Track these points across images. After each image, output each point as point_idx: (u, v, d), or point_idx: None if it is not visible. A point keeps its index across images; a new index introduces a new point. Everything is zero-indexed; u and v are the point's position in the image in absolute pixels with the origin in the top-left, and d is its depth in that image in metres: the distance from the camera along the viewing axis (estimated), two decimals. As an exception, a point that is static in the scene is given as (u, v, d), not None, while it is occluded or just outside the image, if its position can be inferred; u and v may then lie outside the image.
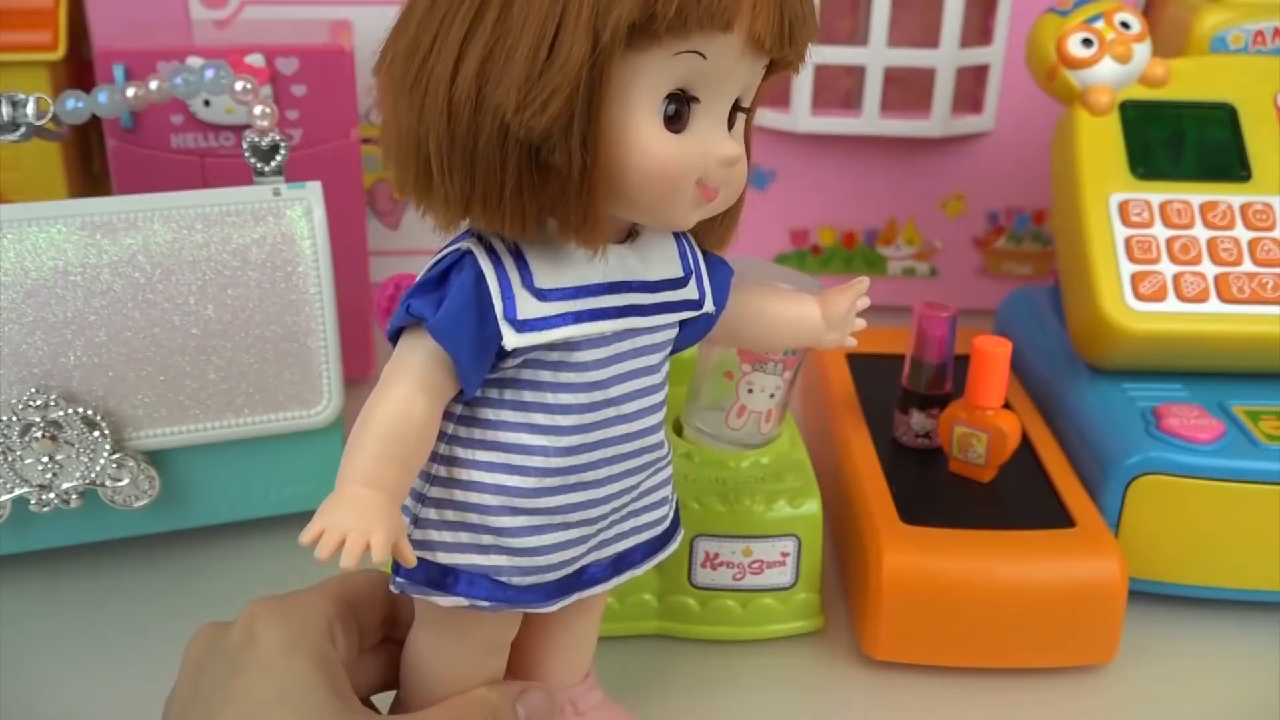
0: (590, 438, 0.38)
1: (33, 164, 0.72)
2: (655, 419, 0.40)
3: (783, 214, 0.83)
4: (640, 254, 0.38)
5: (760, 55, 0.36)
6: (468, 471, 0.38)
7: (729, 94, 0.36)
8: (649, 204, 0.36)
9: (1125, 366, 0.59)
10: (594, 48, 0.32)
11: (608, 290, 0.37)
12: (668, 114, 0.35)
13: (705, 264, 0.41)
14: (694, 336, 0.42)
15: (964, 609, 0.50)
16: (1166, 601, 0.55)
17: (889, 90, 0.77)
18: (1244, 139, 0.60)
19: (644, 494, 0.42)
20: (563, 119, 0.32)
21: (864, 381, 0.63)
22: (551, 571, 0.39)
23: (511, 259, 0.36)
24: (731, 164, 0.36)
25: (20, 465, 0.51)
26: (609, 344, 0.38)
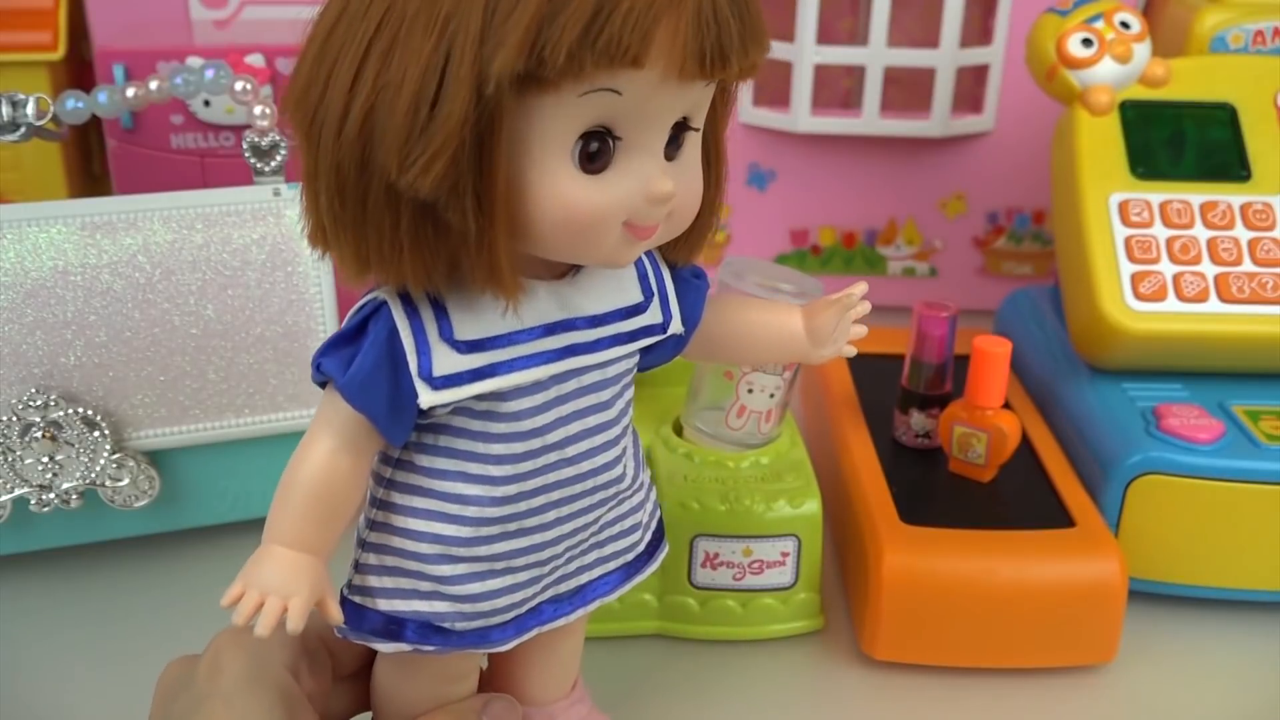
0: (529, 485, 0.36)
1: (33, 164, 0.72)
2: (609, 455, 0.38)
3: (783, 214, 0.83)
4: (584, 287, 0.36)
5: (693, 81, 0.33)
6: (403, 519, 0.36)
7: (661, 124, 0.33)
8: (569, 250, 0.33)
9: (1125, 366, 0.59)
10: (478, 101, 0.30)
11: (542, 334, 0.35)
12: (587, 153, 0.32)
13: (675, 280, 0.39)
14: (664, 357, 0.40)
15: (964, 609, 0.50)
16: (1166, 601, 0.55)
17: (889, 90, 0.77)
18: (1244, 139, 0.60)
19: (606, 526, 0.40)
20: (449, 178, 0.30)
21: (864, 381, 0.63)
22: (497, 615, 0.38)
23: (430, 309, 0.34)
24: (663, 201, 0.33)
25: (20, 465, 0.51)
26: (545, 389, 0.36)
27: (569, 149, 0.32)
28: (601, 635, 0.53)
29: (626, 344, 0.37)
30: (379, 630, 0.37)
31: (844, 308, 0.42)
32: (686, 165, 0.35)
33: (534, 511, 0.37)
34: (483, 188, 0.31)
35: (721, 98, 0.37)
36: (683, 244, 0.38)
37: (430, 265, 0.32)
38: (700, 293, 0.40)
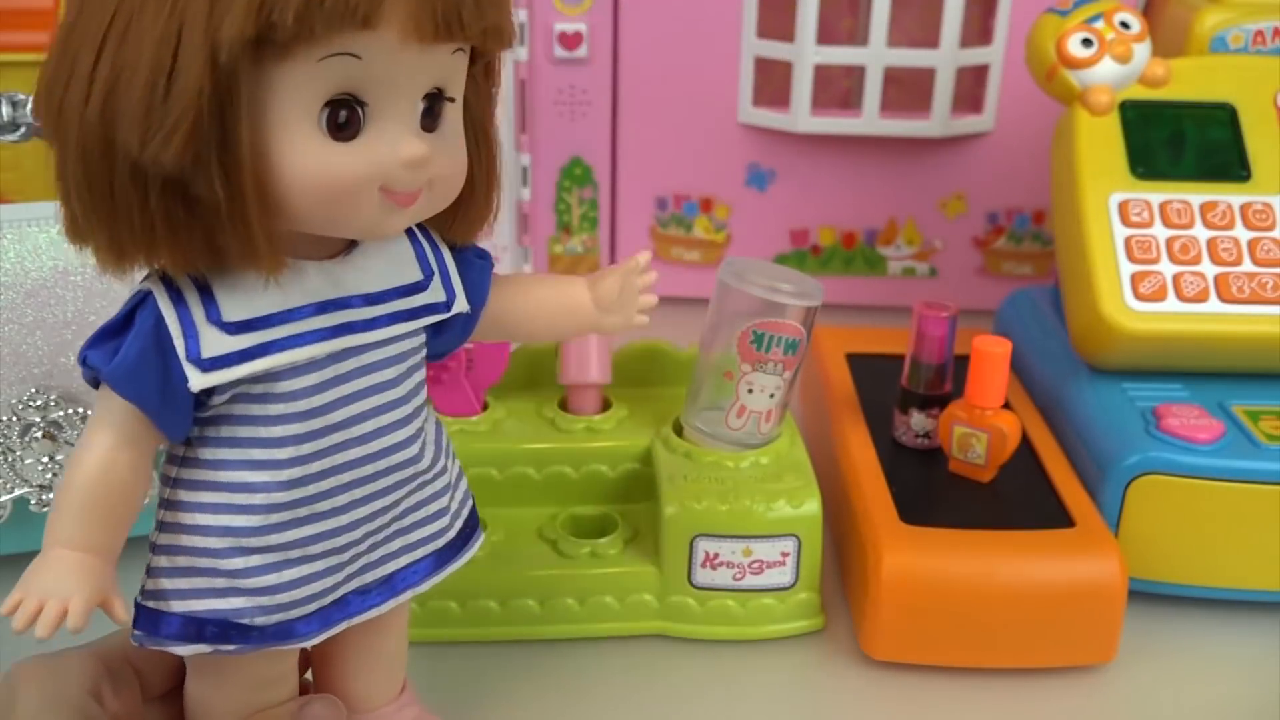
0: (315, 467, 0.36)
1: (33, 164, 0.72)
2: (402, 434, 0.38)
3: (783, 214, 0.83)
4: (359, 266, 0.36)
5: (436, 44, 0.33)
6: (192, 515, 0.36)
7: (409, 91, 0.33)
8: (328, 220, 0.34)
9: (1125, 366, 0.59)
10: (214, 70, 0.30)
11: (314, 312, 0.35)
12: (336, 122, 0.32)
13: (457, 261, 0.39)
14: (456, 338, 0.41)
15: (964, 609, 0.50)
16: (1166, 601, 0.55)
17: (889, 90, 0.77)
18: (1244, 139, 0.60)
19: (409, 511, 0.40)
20: (192, 150, 0.30)
21: (864, 381, 0.63)
22: (298, 607, 0.37)
23: (196, 293, 0.34)
24: (417, 165, 0.34)
25: (20, 465, 0.51)
26: (322, 368, 0.35)
27: (315, 116, 0.32)
28: (602, 635, 0.53)
29: (407, 322, 0.37)
30: (177, 634, 0.36)
31: (626, 272, 0.43)
32: (446, 137, 0.35)
33: (324, 495, 0.36)
34: (227, 158, 0.31)
35: (484, 73, 0.37)
36: (459, 223, 0.39)
37: (186, 245, 0.32)
38: (484, 272, 0.41)
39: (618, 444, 0.56)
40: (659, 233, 0.84)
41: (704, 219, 0.83)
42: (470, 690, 0.50)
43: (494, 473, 0.55)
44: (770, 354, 0.53)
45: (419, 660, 0.51)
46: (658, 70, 0.79)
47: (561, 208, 0.83)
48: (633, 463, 0.56)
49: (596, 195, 0.83)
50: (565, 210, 0.83)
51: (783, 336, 0.53)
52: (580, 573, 0.52)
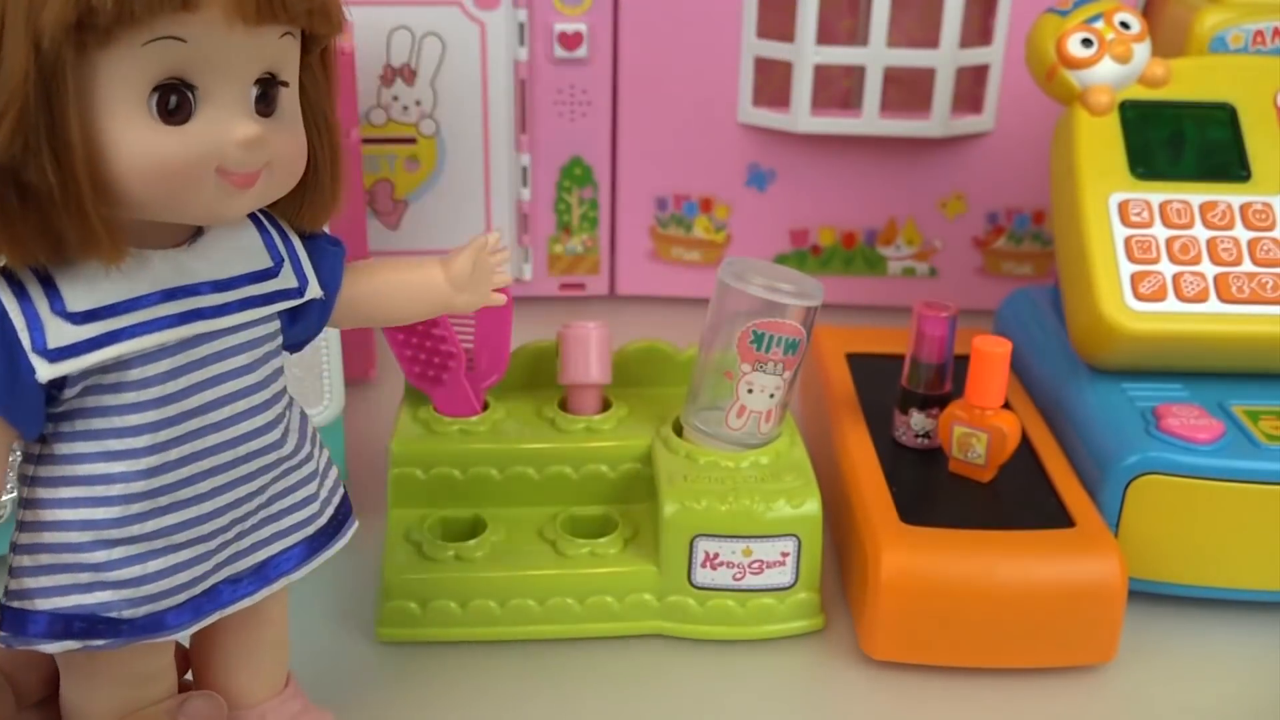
0: (173, 454, 0.36)
1: None
2: (264, 418, 0.38)
3: (782, 214, 0.83)
4: (205, 254, 0.37)
5: (261, 27, 0.34)
6: (52, 511, 0.36)
7: (240, 74, 0.34)
8: (165, 204, 0.34)
9: (1125, 366, 0.59)
10: (37, 57, 0.30)
11: (161, 299, 0.35)
12: (166, 106, 0.33)
13: (309, 248, 0.40)
14: (313, 326, 0.41)
15: (964, 609, 0.50)
16: (1166, 601, 0.55)
17: (889, 90, 0.77)
18: (1244, 139, 0.60)
19: (276, 498, 0.40)
20: (20, 138, 0.31)
21: (864, 381, 0.63)
22: (167, 598, 0.37)
23: (39, 285, 0.34)
24: (252, 146, 0.34)
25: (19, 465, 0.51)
26: (174, 354, 0.36)
27: (144, 101, 0.32)
28: (601, 635, 0.53)
29: (259, 307, 0.38)
30: (44, 632, 0.36)
31: (477, 249, 0.44)
32: (283, 121, 0.36)
33: (185, 482, 0.37)
34: (57, 145, 0.31)
35: (320, 61, 0.38)
36: (305, 211, 0.39)
37: (23, 235, 0.32)
38: (337, 258, 0.41)
39: (618, 444, 0.56)
40: (659, 233, 0.84)
41: (704, 219, 0.83)
42: (470, 690, 0.50)
43: (494, 473, 0.55)
44: (770, 354, 0.53)
45: (419, 660, 0.51)
46: (658, 70, 0.79)
47: (561, 208, 0.83)
48: (633, 463, 0.56)
49: (596, 195, 0.83)
50: (565, 210, 0.83)
51: (783, 336, 0.53)
52: (580, 572, 0.52)
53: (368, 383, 0.73)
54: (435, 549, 0.53)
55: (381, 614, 0.52)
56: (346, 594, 0.55)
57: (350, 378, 0.60)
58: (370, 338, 0.73)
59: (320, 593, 0.55)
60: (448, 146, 0.80)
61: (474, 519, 0.55)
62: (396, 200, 0.81)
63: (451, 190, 0.81)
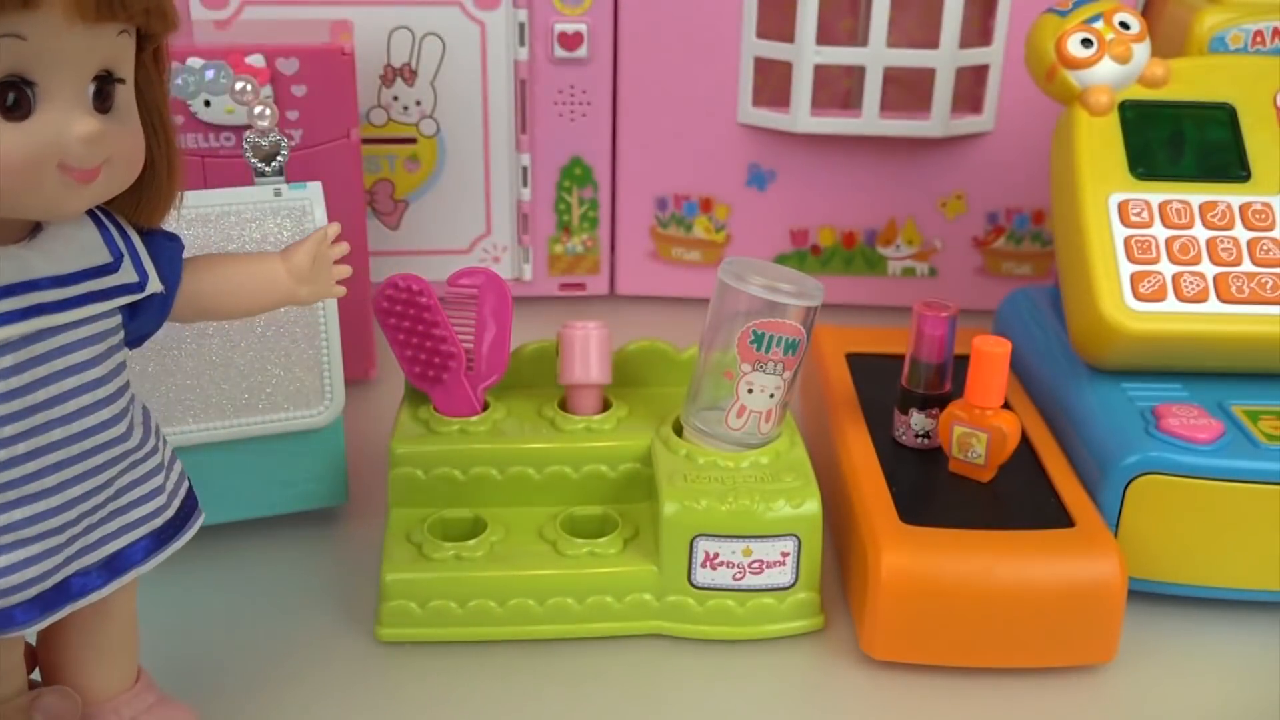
0: (20, 449, 0.36)
1: None
2: (109, 412, 0.39)
3: (783, 214, 0.83)
4: (44, 250, 0.37)
5: (100, 24, 0.34)
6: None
7: (78, 71, 0.35)
8: (6, 200, 0.34)
9: (1125, 366, 0.59)
10: None
11: (1, 295, 0.36)
12: (5, 103, 0.33)
13: (148, 244, 0.40)
14: (154, 320, 0.41)
15: (963, 609, 0.50)
16: (1166, 601, 0.55)
17: (889, 90, 0.77)
18: (1243, 139, 0.60)
19: (123, 491, 0.40)
20: None
21: (864, 381, 0.63)
22: (17, 593, 0.37)
23: None
24: (92, 141, 0.35)
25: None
26: (16, 350, 0.36)
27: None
28: (601, 635, 0.53)
29: (101, 302, 0.38)
30: None
31: (316, 242, 0.44)
32: (121, 117, 0.37)
33: (33, 476, 0.37)
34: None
35: (154, 58, 0.38)
36: (143, 206, 0.40)
37: None
38: (175, 252, 0.41)
39: (618, 444, 0.56)
40: (659, 233, 0.84)
41: (704, 219, 0.83)
42: (470, 690, 0.50)
43: (494, 473, 0.55)
44: (770, 354, 0.53)
45: (419, 660, 0.51)
46: (658, 70, 0.79)
47: (561, 208, 0.83)
48: (633, 463, 0.56)
49: (596, 195, 0.83)
50: (565, 210, 0.83)
51: (783, 336, 0.53)
52: (580, 572, 0.52)
53: (368, 383, 0.73)
54: (435, 549, 0.53)
55: (381, 614, 0.52)
56: (346, 594, 0.55)
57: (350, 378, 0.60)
58: (370, 338, 0.73)
59: (320, 593, 0.55)
60: (448, 146, 0.80)
61: (474, 519, 0.55)
62: (396, 200, 0.81)
63: (451, 190, 0.81)
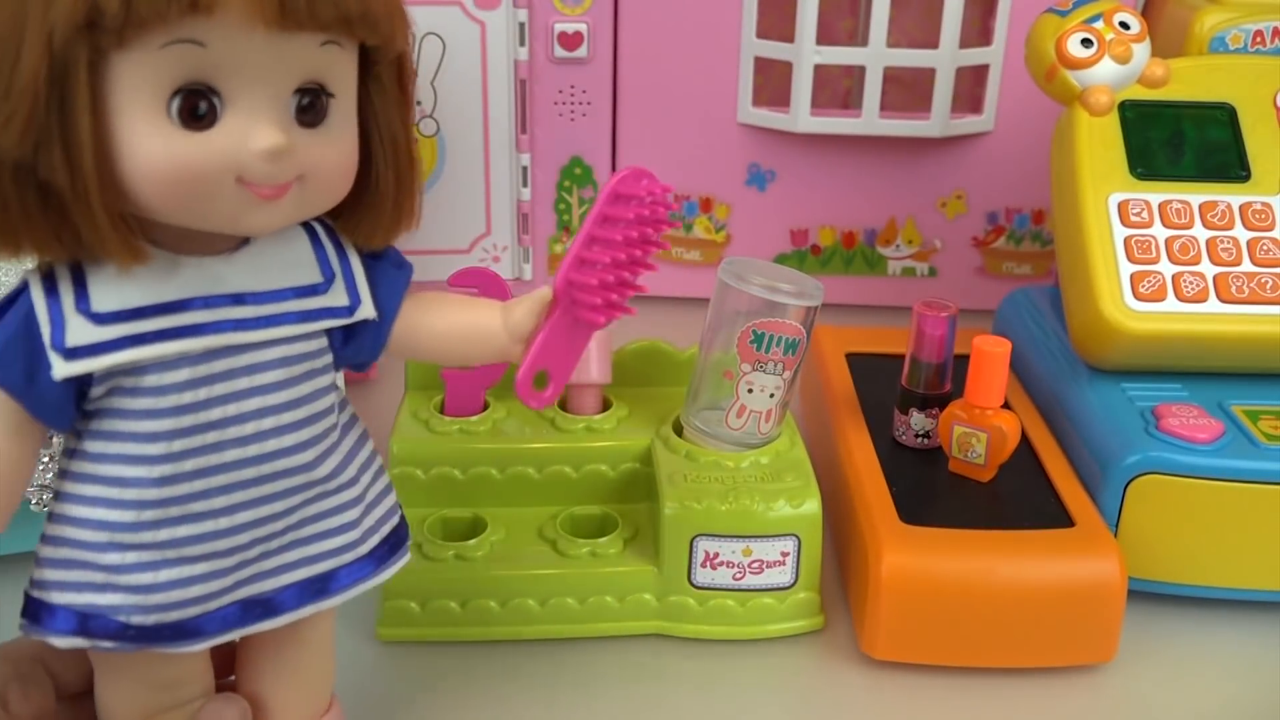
0: (188, 465, 0.35)
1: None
2: (293, 438, 0.37)
3: (783, 214, 0.83)
4: (245, 264, 0.36)
5: (287, 33, 0.32)
6: (74, 507, 0.36)
7: (270, 81, 0.33)
8: (182, 210, 0.33)
9: (1125, 366, 0.59)
10: (49, 56, 0.30)
11: (188, 307, 0.35)
12: (187, 111, 0.32)
13: (370, 267, 0.39)
14: (368, 349, 0.39)
15: (964, 609, 0.50)
16: (1166, 601, 0.55)
17: (889, 90, 0.77)
18: (1243, 139, 0.60)
19: (307, 522, 0.38)
20: (32, 135, 0.31)
21: (864, 381, 0.63)
22: (177, 610, 0.36)
23: (70, 282, 0.34)
24: (273, 157, 0.33)
25: (21, 465, 0.51)
26: (195, 365, 0.35)
27: (162, 104, 0.32)
28: (601, 635, 0.53)
29: (298, 324, 0.37)
30: (58, 626, 0.36)
31: (538, 302, 0.41)
32: (328, 134, 0.35)
33: (199, 495, 0.36)
34: (69, 145, 0.31)
35: (391, 73, 0.37)
36: (363, 228, 0.38)
37: (42, 232, 0.32)
38: (397, 281, 0.40)
39: (618, 444, 0.56)
40: (659, 233, 0.84)
41: (704, 219, 0.83)
42: (470, 690, 0.50)
43: (494, 473, 0.55)
44: (770, 354, 0.53)
45: (419, 660, 0.51)
46: (658, 70, 0.79)
47: (561, 208, 0.83)
48: (633, 463, 0.56)
49: (596, 195, 0.83)
50: (565, 210, 0.83)
51: (783, 336, 0.53)
52: (580, 572, 0.52)
53: (368, 382, 0.73)
54: (435, 549, 0.53)
55: (381, 614, 0.52)
56: (346, 594, 0.55)
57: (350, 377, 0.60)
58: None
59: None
60: (448, 146, 0.80)
61: (474, 519, 0.55)
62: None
63: (451, 190, 0.81)
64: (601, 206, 0.41)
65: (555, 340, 0.41)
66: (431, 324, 0.41)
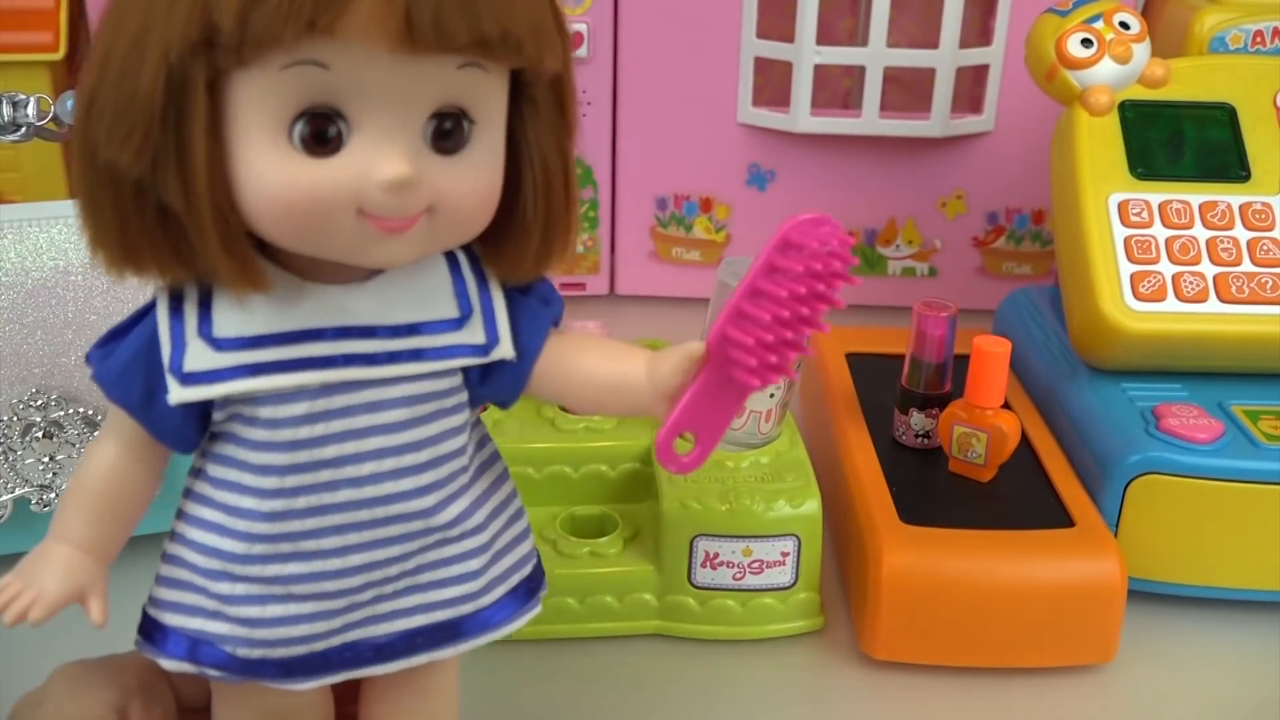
0: (300, 503, 0.34)
1: (33, 164, 0.72)
2: (413, 482, 0.34)
3: (782, 214, 0.82)
4: (376, 294, 0.34)
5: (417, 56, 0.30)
6: (192, 530, 0.35)
7: (400, 106, 0.31)
8: (299, 238, 0.31)
9: (1125, 366, 0.59)
10: (167, 74, 0.29)
11: (309, 338, 0.33)
12: (310, 136, 0.30)
13: (513, 303, 0.36)
14: (506, 390, 0.36)
15: (964, 609, 0.50)
16: (1166, 601, 0.55)
17: (889, 90, 0.77)
18: (1243, 139, 0.60)
19: (425, 568, 0.36)
20: (147, 152, 0.30)
21: (864, 381, 0.63)
22: (283, 647, 0.35)
23: (196, 305, 0.33)
24: (397, 189, 0.30)
25: (21, 465, 0.51)
26: (313, 399, 0.33)
27: (284, 127, 0.30)
28: (601, 635, 0.53)
29: (431, 361, 0.34)
30: (168, 649, 0.36)
31: (687, 358, 0.36)
32: (466, 162, 0.32)
33: (310, 534, 0.34)
34: (184, 166, 0.30)
35: (548, 96, 0.34)
36: (505, 261, 0.35)
37: (161, 253, 0.31)
38: (542, 320, 0.36)
39: (618, 444, 0.56)
40: (659, 233, 0.84)
41: (704, 219, 0.83)
42: (470, 690, 0.50)
43: (494, 473, 0.55)
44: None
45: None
46: (658, 70, 0.79)
47: (561, 208, 0.83)
48: (633, 463, 0.56)
49: (596, 195, 0.83)
50: (565, 210, 0.83)
51: (783, 336, 0.52)
52: (580, 572, 0.52)
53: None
54: (435, 549, 0.53)
55: (382, 614, 0.52)
56: (347, 594, 0.55)
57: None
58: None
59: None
60: (448, 146, 0.80)
61: (474, 519, 0.55)
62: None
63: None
64: (768, 255, 0.37)
65: (703, 400, 0.36)
66: (573, 370, 0.37)
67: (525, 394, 0.37)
